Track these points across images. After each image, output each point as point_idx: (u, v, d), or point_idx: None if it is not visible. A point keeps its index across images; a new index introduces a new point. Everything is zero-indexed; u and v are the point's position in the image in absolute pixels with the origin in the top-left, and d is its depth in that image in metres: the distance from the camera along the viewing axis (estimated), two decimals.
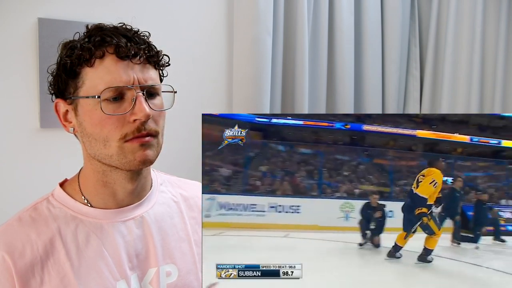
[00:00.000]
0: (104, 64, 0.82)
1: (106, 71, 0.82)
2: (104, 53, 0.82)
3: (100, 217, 0.89)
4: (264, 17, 1.87)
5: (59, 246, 0.85)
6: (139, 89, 0.83)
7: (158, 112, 0.86)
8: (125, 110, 0.82)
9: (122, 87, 0.82)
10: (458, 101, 2.32)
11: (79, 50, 0.82)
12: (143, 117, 0.82)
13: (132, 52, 0.83)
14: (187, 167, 1.43)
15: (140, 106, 0.82)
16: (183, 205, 1.02)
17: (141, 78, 0.84)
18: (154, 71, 0.88)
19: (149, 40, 0.88)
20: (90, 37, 0.84)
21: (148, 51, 0.85)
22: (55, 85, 0.87)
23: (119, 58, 0.82)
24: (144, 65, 0.85)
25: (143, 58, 0.84)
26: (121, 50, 0.82)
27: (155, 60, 0.87)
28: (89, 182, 0.90)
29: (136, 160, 0.84)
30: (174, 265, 0.95)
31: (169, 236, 0.96)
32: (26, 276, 0.81)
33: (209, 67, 1.90)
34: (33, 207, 0.89)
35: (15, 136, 1.55)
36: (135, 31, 0.87)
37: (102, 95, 0.81)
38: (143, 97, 0.83)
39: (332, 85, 2.18)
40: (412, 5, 2.38)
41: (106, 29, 0.85)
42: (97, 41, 0.82)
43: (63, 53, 0.85)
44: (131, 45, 0.83)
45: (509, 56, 2.25)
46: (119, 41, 0.82)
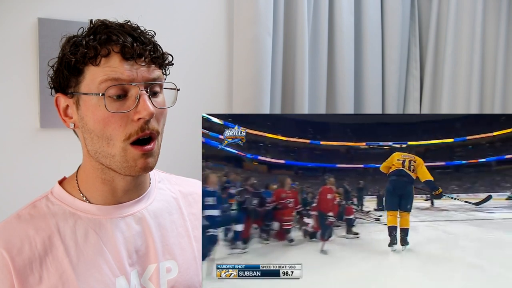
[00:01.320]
0: (109, 63, 0.81)
1: (110, 70, 0.81)
2: (109, 51, 0.81)
3: (98, 213, 0.89)
4: (264, 17, 1.87)
5: (58, 242, 0.85)
6: (143, 87, 0.82)
7: (160, 110, 0.86)
8: (129, 108, 0.82)
9: (125, 84, 0.82)
10: (458, 101, 2.32)
11: (84, 48, 0.81)
12: (147, 115, 0.82)
13: (138, 52, 0.82)
14: (187, 167, 1.43)
15: (144, 104, 0.82)
16: (182, 201, 1.03)
17: (145, 77, 0.83)
18: (158, 71, 0.87)
19: (154, 40, 0.88)
20: (95, 34, 0.83)
21: (154, 51, 0.85)
22: (56, 81, 0.87)
23: (124, 58, 0.82)
24: (148, 65, 0.84)
25: (148, 59, 0.84)
26: (127, 50, 0.81)
27: (160, 61, 0.87)
28: (88, 179, 0.90)
29: (137, 166, 0.85)
30: (174, 261, 0.95)
31: (169, 232, 0.96)
32: (25, 273, 0.81)
33: (209, 67, 1.90)
34: (32, 205, 0.89)
35: (15, 136, 1.55)
36: (141, 30, 0.87)
37: (106, 92, 0.81)
38: (146, 95, 0.82)
39: (332, 85, 2.18)
40: (412, 5, 2.38)
41: (111, 27, 0.84)
42: (103, 39, 0.82)
43: (66, 49, 0.84)
44: (137, 45, 0.82)
45: (509, 56, 2.25)
46: (125, 41, 0.82)
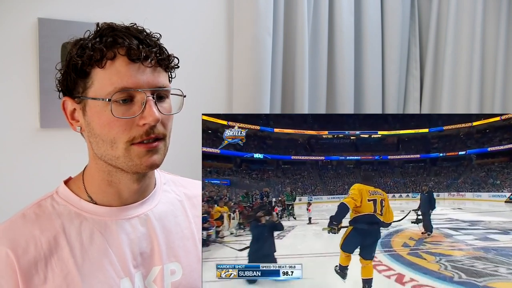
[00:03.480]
0: (115, 66, 0.81)
1: (116, 73, 0.81)
2: (115, 54, 0.81)
3: (104, 214, 0.89)
4: (264, 17, 1.87)
5: (63, 243, 0.85)
6: (149, 93, 0.82)
7: (166, 116, 0.86)
8: (135, 113, 0.82)
9: (132, 90, 0.81)
10: (458, 101, 2.32)
11: (90, 50, 0.82)
12: (153, 121, 0.82)
13: (144, 54, 0.82)
14: (187, 167, 1.43)
15: (150, 110, 0.82)
16: (187, 203, 1.03)
17: (152, 81, 0.83)
18: (164, 74, 0.87)
19: (160, 43, 0.87)
20: (101, 37, 0.83)
21: (160, 54, 0.85)
22: (64, 83, 0.87)
23: (130, 60, 0.81)
24: (154, 68, 0.84)
25: (154, 61, 0.84)
26: (133, 52, 0.81)
27: (166, 63, 0.87)
28: (94, 181, 0.90)
29: (142, 164, 0.85)
30: (179, 263, 0.95)
31: (173, 235, 0.96)
32: (30, 273, 0.81)
33: (209, 67, 1.90)
34: (37, 204, 0.89)
35: (15, 136, 1.55)
36: (147, 33, 0.87)
37: (112, 98, 0.81)
38: (153, 101, 0.82)
39: (332, 85, 2.18)
40: (412, 5, 2.38)
41: (117, 30, 0.84)
42: (109, 42, 0.82)
43: (73, 52, 0.84)
44: (142, 48, 0.82)
45: (509, 56, 2.25)
46: (131, 43, 0.81)
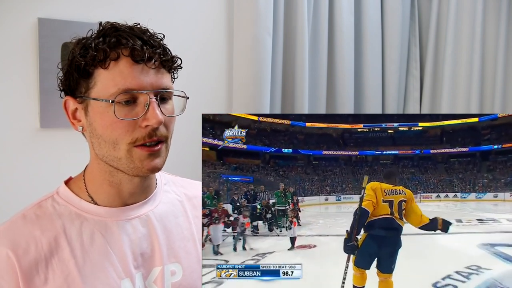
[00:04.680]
0: (119, 66, 0.81)
1: (120, 74, 0.80)
2: (119, 55, 0.81)
3: (105, 215, 0.89)
4: (264, 17, 1.87)
5: (64, 243, 0.85)
6: (152, 95, 0.82)
7: (169, 117, 0.86)
8: (137, 115, 0.81)
9: (135, 92, 0.81)
10: (458, 101, 2.32)
11: (93, 51, 0.81)
12: (156, 123, 0.81)
13: (147, 56, 0.81)
14: (187, 167, 1.42)
15: (153, 112, 0.81)
16: (187, 204, 1.02)
17: (155, 83, 0.82)
18: (168, 75, 0.87)
19: (163, 43, 0.87)
20: (104, 36, 0.82)
21: (163, 55, 0.84)
22: (66, 83, 0.86)
23: (134, 61, 0.81)
24: (158, 69, 0.84)
25: (158, 62, 0.83)
26: (137, 53, 0.81)
27: (169, 64, 0.86)
28: (95, 181, 0.90)
29: (144, 168, 0.84)
30: (179, 264, 0.95)
31: (174, 235, 0.96)
32: (30, 274, 0.81)
33: (209, 67, 1.90)
34: (37, 205, 0.89)
35: (15, 136, 1.55)
36: (151, 33, 0.86)
37: (115, 99, 0.80)
38: (156, 103, 0.82)
39: (332, 85, 2.18)
40: (412, 5, 2.38)
41: (121, 30, 0.83)
42: (112, 43, 0.81)
43: (76, 52, 0.83)
44: (146, 49, 0.82)
45: (509, 56, 2.25)
46: (135, 44, 0.81)
